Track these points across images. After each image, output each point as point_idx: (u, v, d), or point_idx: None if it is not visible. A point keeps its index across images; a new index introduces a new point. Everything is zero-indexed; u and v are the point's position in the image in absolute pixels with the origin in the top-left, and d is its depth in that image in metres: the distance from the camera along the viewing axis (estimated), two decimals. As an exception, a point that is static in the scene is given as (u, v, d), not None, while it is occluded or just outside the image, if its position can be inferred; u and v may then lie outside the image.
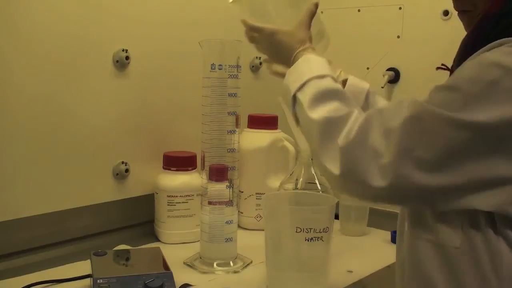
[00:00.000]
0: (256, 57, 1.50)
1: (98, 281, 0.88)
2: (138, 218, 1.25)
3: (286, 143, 1.35)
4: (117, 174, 1.21)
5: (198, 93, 1.06)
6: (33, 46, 1.04)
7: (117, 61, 1.17)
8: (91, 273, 0.94)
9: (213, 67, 1.04)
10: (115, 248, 1.07)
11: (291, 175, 1.19)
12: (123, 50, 1.17)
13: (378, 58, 1.45)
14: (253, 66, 1.50)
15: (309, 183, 1.16)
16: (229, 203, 1.08)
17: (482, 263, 0.65)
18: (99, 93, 1.16)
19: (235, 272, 1.06)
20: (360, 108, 0.75)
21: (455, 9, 0.78)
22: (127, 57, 1.18)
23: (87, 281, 0.96)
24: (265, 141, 1.33)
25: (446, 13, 1.33)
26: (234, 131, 1.07)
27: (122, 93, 1.20)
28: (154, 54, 1.25)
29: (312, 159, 1.17)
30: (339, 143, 0.69)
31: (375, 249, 1.22)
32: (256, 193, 1.33)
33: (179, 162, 1.22)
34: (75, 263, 1.05)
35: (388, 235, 1.28)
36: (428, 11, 1.35)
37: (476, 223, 0.65)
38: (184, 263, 1.08)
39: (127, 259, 1.02)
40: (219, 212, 1.08)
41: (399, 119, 0.65)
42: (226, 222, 1.08)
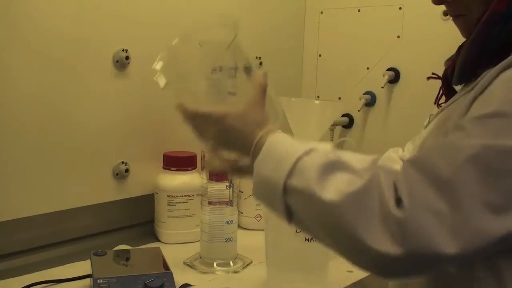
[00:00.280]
0: (256, 57, 1.50)
1: (98, 281, 0.88)
2: (138, 218, 1.25)
3: (286, 143, 1.34)
4: (117, 174, 1.21)
5: (198, 93, 1.06)
6: (33, 47, 1.04)
7: (117, 61, 1.17)
8: (91, 273, 0.94)
9: (213, 67, 1.04)
10: (115, 248, 1.07)
11: (291, 175, 1.19)
12: (123, 50, 1.17)
13: (378, 58, 1.45)
14: (253, 66, 1.50)
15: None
16: (229, 203, 1.08)
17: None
18: (99, 93, 1.16)
19: (235, 272, 1.06)
20: (378, 167, 0.62)
21: (449, 14, 0.74)
22: (127, 57, 1.18)
23: (87, 281, 0.96)
24: (265, 141, 1.33)
25: (446, 13, 1.32)
26: (234, 131, 1.07)
27: (122, 93, 1.20)
28: (154, 54, 1.24)
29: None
30: (397, 215, 0.54)
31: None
32: (256, 193, 1.33)
33: (179, 162, 1.22)
34: (75, 263, 1.05)
35: (388, 235, 1.27)
36: (428, 11, 1.35)
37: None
38: (184, 263, 1.08)
39: (127, 259, 1.02)
40: (219, 212, 1.08)
41: (452, 165, 0.54)
42: (226, 222, 1.08)
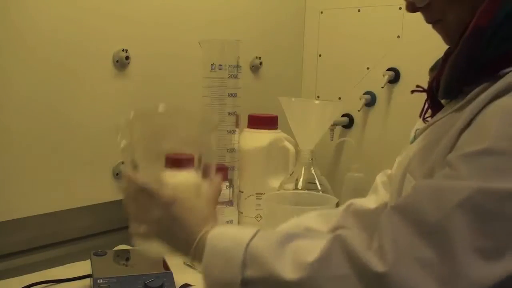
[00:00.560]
0: (256, 57, 1.50)
1: (98, 281, 0.88)
2: (138, 218, 1.25)
3: (286, 143, 1.35)
4: (117, 174, 1.21)
5: (198, 93, 1.06)
6: (34, 47, 1.04)
7: (117, 61, 1.17)
8: (91, 273, 0.94)
9: (213, 67, 1.04)
10: (115, 248, 1.07)
11: (291, 175, 1.19)
12: (123, 50, 1.17)
13: (378, 58, 1.45)
14: (253, 66, 1.50)
15: (309, 183, 1.16)
16: (229, 203, 1.08)
17: None
18: (99, 93, 1.16)
19: (235, 272, 1.06)
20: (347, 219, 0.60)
21: (426, 22, 0.70)
22: (127, 57, 1.18)
23: (87, 281, 0.96)
24: (265, 141, 1.33)
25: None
26: (234, 131, 1.07)
27: (122, 93, 1.20)
28: (154, 54, 1.25)
29: (312, 159, 1.18)
30: (377, 271, 0.50)
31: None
32: (256, 193, 1.33)
33: (179, 162, 1.22)
34: (75, 263, 1.05)
35: (388, 235, 1.27)
36: (428, 11, 1.35)
37: None
38: (184, 263, 1.08)
39: (127, 259, 1.02)
40: (219, 212, 1.07)
41: (441, 211, 0.51)
42: (226, 222, 1.08)
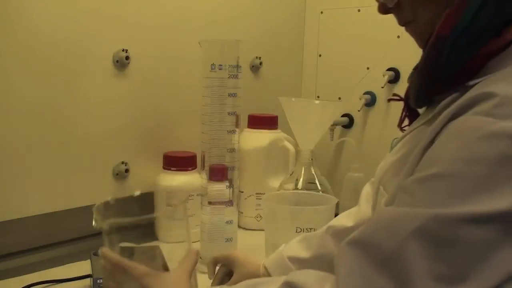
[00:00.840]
0: (256, 57, 1.50)
1: (98, 281, 0.89)
2: (138, 218, 1.25)
3: (286, 143, 1.35)
4: (117, 174, 1.21)
5: (198, 93, 1.06)
6: (34, 47, 1.04)
7: (117, 61, 1.17)
8: (91, 273, 0.94)
9: (213, 67, 1.04)
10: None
11: (291, 175, 1.19)
12: (123, 50, 1.17)
13: (378, 58, 1.45)
14: (253, 66, 1.50)
15: (309, 183, 1.16)
16: (229, 203, 1.08)
17: None
18: (99, 94, 1.16)
19: (235, 272, 1.06)
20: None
21: (400, 25, 0.69)
22: (127, 57, 1.18)
23: (87, 281, 0.96)
24: (265, 141, 1.34)
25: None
26: (234, 131, 1.07)
27: (122, 93, 1.20)
28: (154, 54, 1.25)
29: (312, 159, 1.18)
30: None
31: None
32: (256, 193, 1.34)
33: (179, 162, 1.22)
34: (75, 263, 1.05)
35: (388, 235, 1.27)
36: (428, 11, 1.35)
37: None
38: (184, 263, 1.08)
39: (131, 255, 1.02)
40: (219, 212, 1.08)
41: (396, 240, 0.51)
42: (226, 222, 1.08)
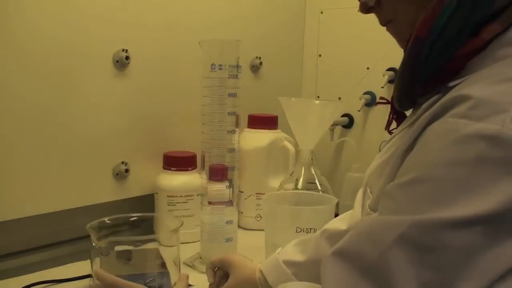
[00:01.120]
0: (256, 57, 1.50)
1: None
2: (138, 218, 1.25)
3: (286, 143, 1.35)
4: (117, 174, 1.21)
5: (198, 93, 1.06)
6: (34, 47, 1.04)
7: (117, 61, 1.17)
8: (91, 273, 0.94)
9: (213, 67, 1.04)
10: (116, 248, 1.07)
11: (291, 175, 1.19)
12: (123, 50, 1.17)
13: (378, 58, 1.45)
14: (253, 66, 1.50)
15: (309, 183, 1.16)
16: (229, 203, 1.08)
17: None
18: (99, 93, 1.16)
19: (235, 272, 1.06)
20: None
21: (381, 25, 0.70)
22: (127, 57, 1.18)
23: (87, 281, 0.96)
24: (265, 141, 1.34)
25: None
26: (234, 131, 1.07)
27: (122, 93, 1.20)
28: (154, 54, 1.25)
29: (312, 159, 1.18)
30: None
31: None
32: (256, 193, 1.34)
33: (179, 162, 1.22)
34: (75, 263, 1.05)
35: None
36: (428, 11, 1.35)
37: None
38: (184, 263, 1.08)
39: (127, 259, 1.02)
40: (219, 212, 1.08)
41: (379, 248, 0.51)
42: (226, 222, 1.08)
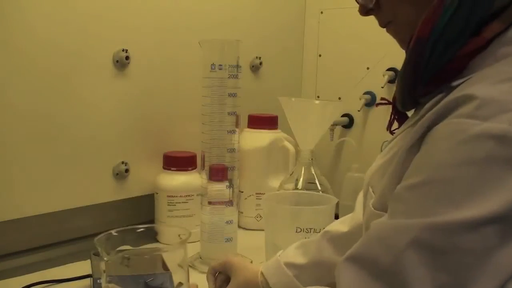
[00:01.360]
0: (256, 57, 1.50)
1: (98, 281, 0.88)
2: (138, 218, 1.25)
3: (286, 143, 1.35)
4: (117, 174, 1.21)
5: (198, 93, 1.06)
6: (34, 47, 1.04)
7: (117, 61, 1.17)
8: (91, 273, 0.94)
9: (213, 67, 1.04)
10: (118, 248, 1.07)
11: (291, 175, 1.19)
12: (123, 50, 1.17)
13: (378, 58, 1.45)
14: (253, 66, 1.50)
15: (309, 183, 1.16)
16: (229, 203, 1.08)
17: None
18: (99, 93, 1.16)
19: (235, 272, 1.06)
20: None
21: (381, 26, 0.70)
22: (127, 57, 1.18)
23: (87, 281, 0.96)
24: (265, 141, 1.34)
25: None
26: (234, 131, 1.07)
27: (122, 93, 1.20)
28: (154, 55, 1.25)
29: (312, 159, 1.18)
30: None
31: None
32: (256, 193, 1.34)
33: (179, 162, 1.22)
34: (75, 263, 1.05)
35: (388, 235, 1.27)
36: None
37: None
38: (184, 263, 1.08)
39: (127, 259, 1.02)
40: (219, 212, 1.08)
41: (393, 253, 0.51)
42: (226, 222, 1.08)
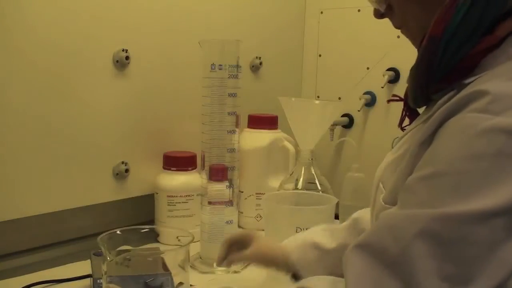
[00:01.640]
0: (256, 57, 1.50)
1: (98, 281, 0.89)
2: (138, 218, 1.25)
3: (286, 143, 1.35)
4: (117, 174, 1.21)
5: (198, 93, 1.06)
6: (34, 47, 1.04)
7: (117, 61, 1.17)
8: (91, 273, 0.94)
9: (213, 67, 1.04)
10: (118, 249, 1.07)
11: (291, 175, 1.19)
12: (123, 50, 1.17)
13: (378, 58, 1.45)
14: (253, 66, 1.50)
15: (309, 183, 1.16)
16: (229, 203, 1.08)
17: None
18: (99, 93, 1.16)
19: (235, 272, 1.06)
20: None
21: (395, 28, 0.71)
22: (127, 57, 1.18)
23: (87, 281, 0.96)
24: (265, 141, 1.34)
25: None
26: (234, 131, 1.07)
27: (122, 93, 1.20)
28: (154, 54, 1.25)
29: (312, 159, 1.18)
30: None
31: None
32: (256, 193, 1.33)
33: (179, 162, 1.22)
34: (75, 263, 1.05)
35: (388, 235, 1.27)
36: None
37: None
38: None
39: (128, 259, 1.02)
40: (219, 212, 1.08)
41: (401, 243, 0.52)
42: (226, 222, 1.08)
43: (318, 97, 1.61)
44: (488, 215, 0.49)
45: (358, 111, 1.47)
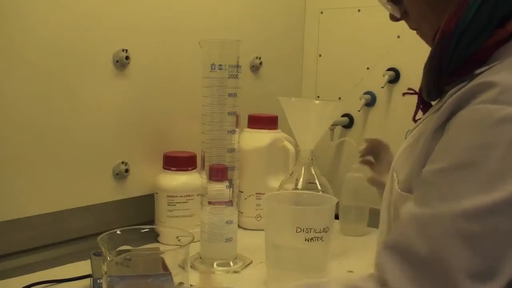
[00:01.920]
0: (256, 57, 1.50)
1: (98, 281, 0.89)
2: (138, 218, 1.25)
3: (286, 143, 1.35)
4: (117, 174, 1.21)
5: (198, 93, 1.06)
6: (33, 47, 1.04)
7: (117, 61, 1.17)
8: (91, 273, 0.94)
9: (213, 67, 1.04)
10: (118, 249, 1.07)
11: (291, 175, 1.19)
12: (123, 50, 1.17)
13: (378, 58, 1.45)
14: (253, 66, 1.50)
15: (309, 183, 1.16)
16: (229, 203, 1.08)
17: None
18: (99, 93, 1.16)
19: (235, 272, 1.06)
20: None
21: (411, 29, 0.76)
22: (127, 57, 1.18)
23: (87, 281, 0.96)
24: (265, 141, 1.33)
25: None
26: (234, 131, 1.07)
27: (122, 93, 1.20)
28: (154, 54, 1.25)
29: (312, 159, 1.18)
30: None
31: (375, 249, 1.22)
32: (256, 193, 1.33)
33: (179, 162, 1.22)
34: (75, 263, 1.05)
35: (388, 235, 1.27)
36: (428, 11, 1.35)
37: None
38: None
39: (128, 259, 1.02)
40: (219, 212, 1.08)
41: (429, 242, 0.53)
42: (226, 222, 1.08)
43: (318, 97, 1.61)
44: (509, 204, 0.50)
45: (358, 111, 1.47)
